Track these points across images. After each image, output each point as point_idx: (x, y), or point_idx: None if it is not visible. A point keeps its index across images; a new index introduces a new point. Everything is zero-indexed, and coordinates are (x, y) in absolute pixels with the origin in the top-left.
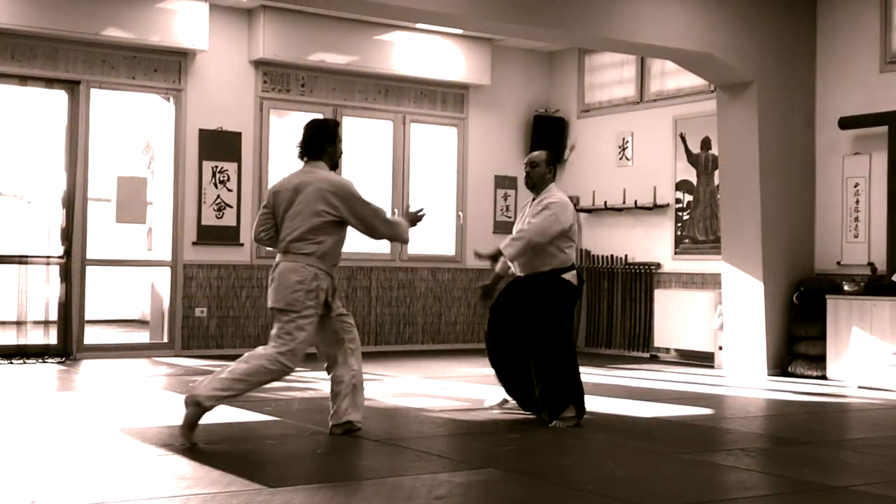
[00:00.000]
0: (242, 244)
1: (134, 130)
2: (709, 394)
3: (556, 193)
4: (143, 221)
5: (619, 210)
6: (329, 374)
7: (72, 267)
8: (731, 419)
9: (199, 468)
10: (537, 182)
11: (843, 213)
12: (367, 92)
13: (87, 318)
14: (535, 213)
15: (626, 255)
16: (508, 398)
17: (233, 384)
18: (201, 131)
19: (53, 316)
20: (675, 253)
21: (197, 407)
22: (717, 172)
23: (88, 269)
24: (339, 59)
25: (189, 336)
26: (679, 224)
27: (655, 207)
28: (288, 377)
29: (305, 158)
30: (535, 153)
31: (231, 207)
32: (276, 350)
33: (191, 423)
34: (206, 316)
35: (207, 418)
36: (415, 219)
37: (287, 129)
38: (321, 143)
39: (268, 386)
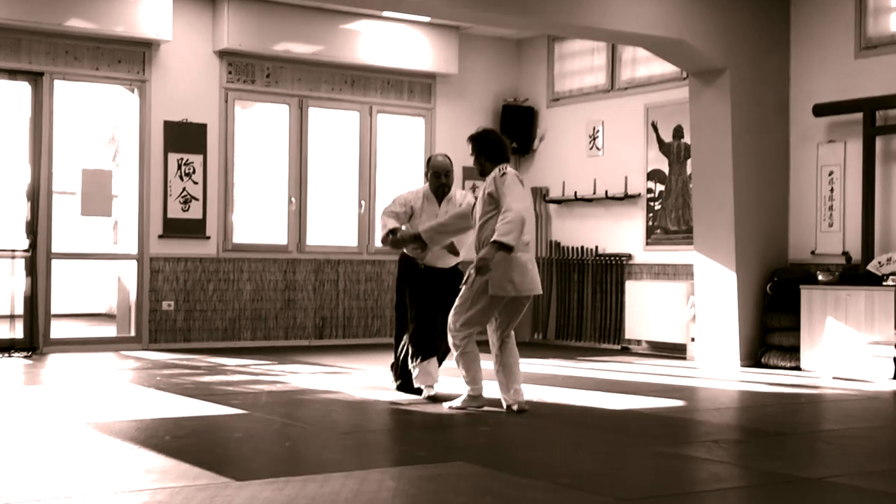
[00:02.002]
0: (209, 237)
1: (98, 122)
2: (681, 385)
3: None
4: (109, 214)
5: (590, 200)
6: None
7: (37, 260)
8: (704, 411)
9: (166, 462)
10: (451, 187)
11: (817, 201)
12: (332, 82)
13: (53, 311)
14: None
15: (596, 247)
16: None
17: None
18: (166, 123)
19: (19, 310)
20: (647, 244)
21: None
22: (689, 161)
23: (54, 262)
24: (304, 49)
25: (156, 330)
26: (650, 214)
27: (626, 198)
28: (256, 371)
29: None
30: (444, 161)
31: (197, 200)
32: None
33: None
34: (174, 309)
35: (174, 411)
36: None
37: (252, 120)
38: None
39: (235, 380)
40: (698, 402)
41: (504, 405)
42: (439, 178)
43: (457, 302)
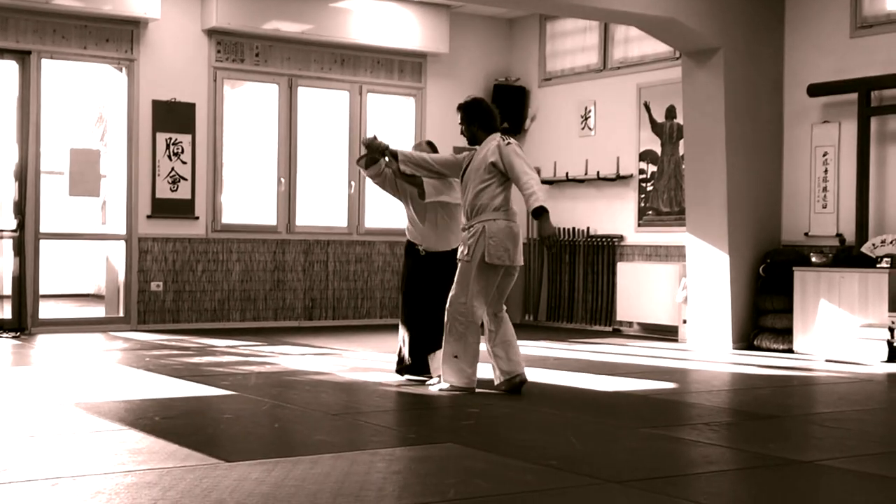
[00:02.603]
0: (198, 217)
1: (86, 102)
2: (672, 368)
3: None
4: (97, 194)
5: (581, 181)
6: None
7: (25, 240)
8: (695, 393)
9: (155, 442)
10: None
11: (811, 182)
12: (322, 61)
13: (41, 292)
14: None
15: (588, 228)
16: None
17: None
18: (155, 102)
19: (7, 290)
20: (639, 225)
21: None
22: (681, 142)
23: (42, 242)
24: (293, 28)
25: (145, 310)
26: (642, 195)
27: (618, 178)
28: (245, 352)
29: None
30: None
31: (186, 180)
32: None
33: None
34: (162, 290)
35: (163, 392)
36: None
37: (241, 99)
38: None
39: (224, 361)
40: (689, 385)
41: (501, 381)
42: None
43: (457, 281)
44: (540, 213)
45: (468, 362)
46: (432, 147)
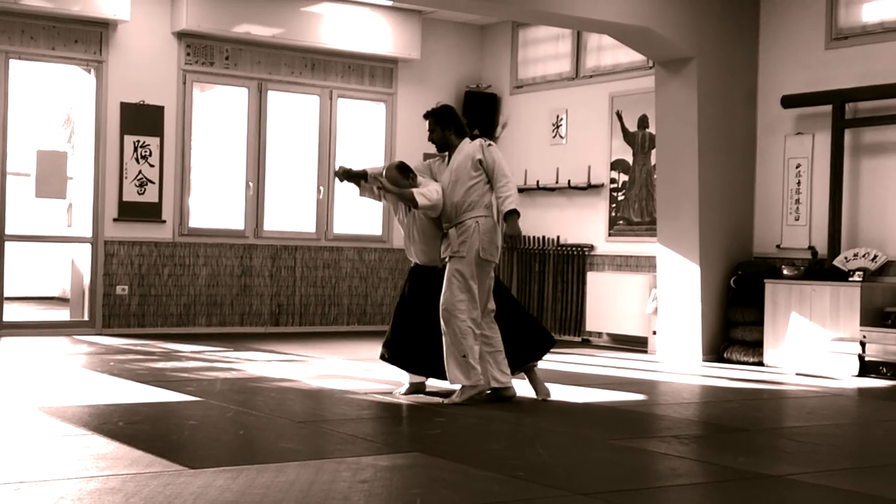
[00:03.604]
0: (164, 221)
1: (54, 103)
2: (642, 379)
3: None
4: (63, 197)
5: (552, 190)
6: None
7: None
8: (665, 405)
9: (119, 448)
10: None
11: (783, 194)
12: (293, 65)
13: (5, 294)
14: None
15: (558, 237)
16: (419, 380)
17: None
18: (123, 104)
19: None
20: (609, 235)
21: None
22: (653, 152)
23: (7, 244)
24: (264, 32)
25: (110, 314)
26: (613, 205)
27: (589, 187)
28: (211, 358)
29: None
30: (391, 175)
31: (153, 183)
32: None
33: None
34: (128, 294)
35: (128, 397)
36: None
37: (210, 102)
38: None
39: (189, 366)
40: (659, 397)
41: (490, 389)
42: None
43: (449, 281)
44: (511, 215)
45: (476, 360)
46: (404, 168)
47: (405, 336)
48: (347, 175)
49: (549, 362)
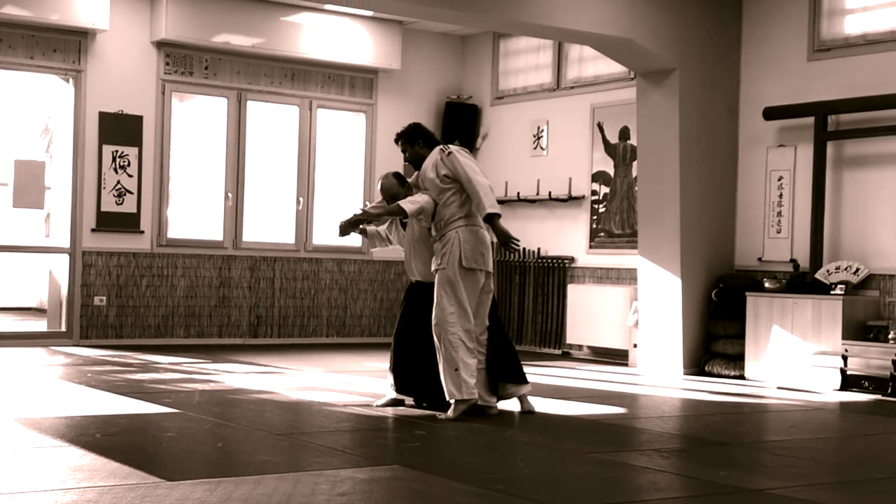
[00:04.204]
0: (143, 231)
1: (32, 112)
2: (622, 392)
3: None
4: (41, 207)
5: (533, 202)
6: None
7: None
8: (645, 419)
9: (96, 460)
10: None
11: (765, 207)
12: (272, 76)
13: None
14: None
15: (538, 249)
16: (401, 397)
17: None
18: (101, 114)
19: None
20: (590, 247)
21: None
22: (635, 164)
23: None
24: (244, 41)
25: (88, 325)
26: (594, 217)
27: (570, 199)
28: (189, 369)
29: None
30: (386, 182)
31: (131, 193)
32: None
33: None
34: (106, 305)
35: (105, 409)
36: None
37: (189, 112)
38: None
39: (167, 378)
40: (639, 410)
41: (485, 405)
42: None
43: (437, 295)
44: (490, 219)
45: (470, 373)
46: (400, 176)
47: (405, 362)
48: (347, 227)
49: (530, 375)
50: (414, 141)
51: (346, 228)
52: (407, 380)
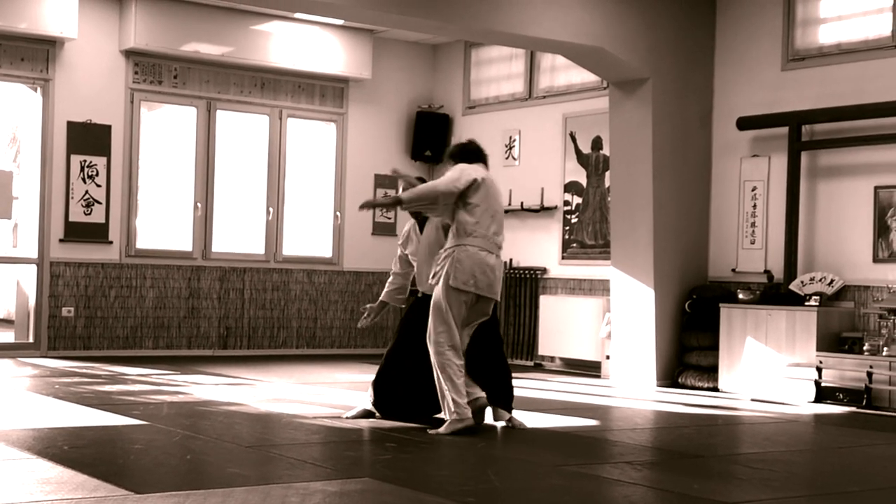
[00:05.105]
0: (111, 242)
1: None
2: (595, 404)
3: None
4: (9, 217)
5: (505, 212)
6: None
7: None
8: (618, 431)
9: (63, 472)
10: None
11: (739, 218)
12: (242, 84)
13: None
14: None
15: (510, 260)
16: (373, 410)
17: None
18: (70, 123)
19: None
20: (563, 257)
21: None
22: (608, 174)
23: None
24: (213, 50)
25: (55, 336)
26: (567, 227)
27: (542, 209)
28: (157, 381)
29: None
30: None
31: (100, 204)
32: None
33: None
34: (74, 316)
35: (73, 421)
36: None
37: (159, 122)
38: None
39: (136, 389)
40: (612, 422)
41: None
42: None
43: (434, 321)
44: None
45: (458, 393)
46: (422, 181)
47: (393, 382)
48: (372, 205)
49: None
50: (450, 159)
51: (370, 205)
52: (390, 401)
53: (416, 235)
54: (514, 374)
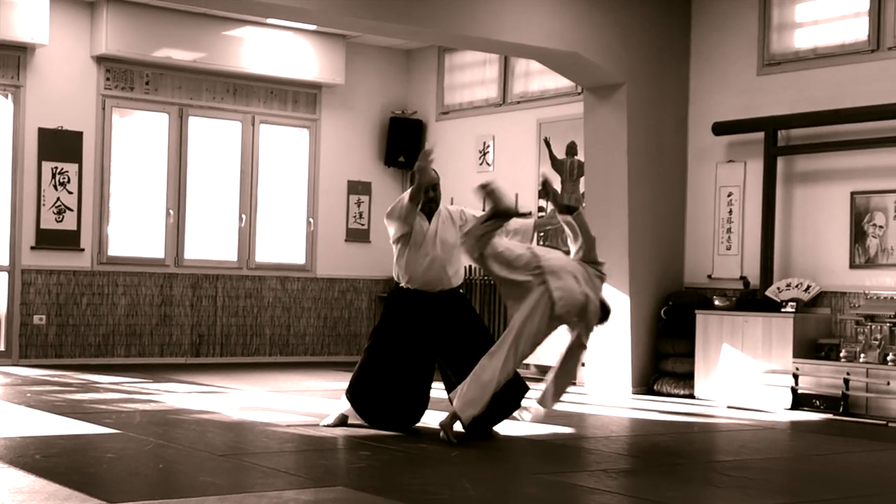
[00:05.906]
0: (83, 249)
1: None
2: (570, 412)
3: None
4: None
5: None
6: None
7: None
8: (593, 439)
9: (35, 481)
10: (439, 202)
11: (715, 223)
12: (214, 91)
13: None
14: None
15: None
16: (348, 416)
17: None
18: (41, 130)
19: None
20: None
21: None
22: (582, 179)
23: None
24: (185, 56)
25: (27, 344)
26: (542, 234)
27: (517, 216)
28: (129, 389)
29: None
30: (435, 176)
31: (71, 211)
32: None
33: None
34: (45, 323)
35: (45, 429)
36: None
37: (130, 128)
38: None
39: (108, 398)
40: (587, 430)
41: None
42: (426, 192)
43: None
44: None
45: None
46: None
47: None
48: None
49: None
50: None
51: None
52: (373, 408)
53: (420, 225)
54: None
